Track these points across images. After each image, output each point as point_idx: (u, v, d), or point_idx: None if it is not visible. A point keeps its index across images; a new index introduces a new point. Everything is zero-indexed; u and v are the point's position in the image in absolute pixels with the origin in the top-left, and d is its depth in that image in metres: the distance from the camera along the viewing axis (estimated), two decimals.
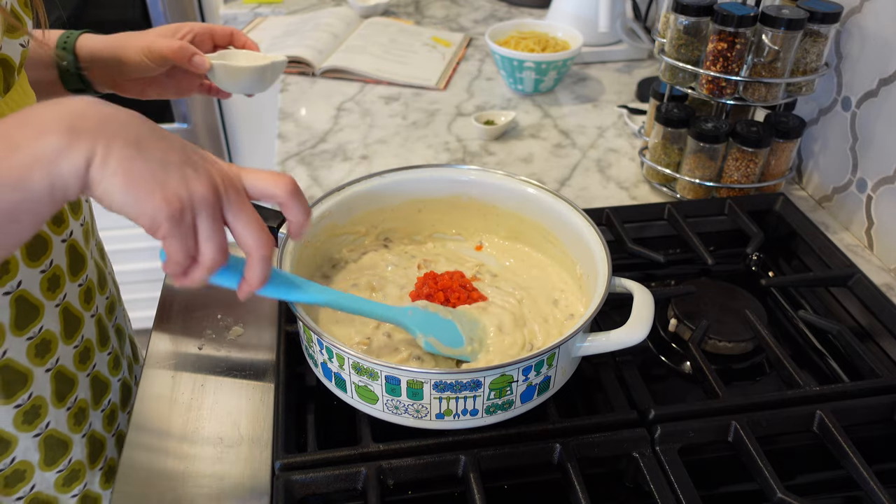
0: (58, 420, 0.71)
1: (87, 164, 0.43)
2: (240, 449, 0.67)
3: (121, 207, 0.45)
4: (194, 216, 0.46)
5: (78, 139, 0.43)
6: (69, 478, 0.74)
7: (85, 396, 0.74)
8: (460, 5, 1.76)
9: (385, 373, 0.59)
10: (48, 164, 0.42)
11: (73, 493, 0.75)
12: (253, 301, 0.84)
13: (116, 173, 0.43)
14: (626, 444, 0.64)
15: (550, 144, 1.19)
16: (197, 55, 0.79)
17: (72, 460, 0.74)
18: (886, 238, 0.92)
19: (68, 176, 0.43)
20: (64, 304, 0.69)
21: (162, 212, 0.45)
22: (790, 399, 0.68)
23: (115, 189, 0.44)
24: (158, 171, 0.45)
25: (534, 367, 0.61)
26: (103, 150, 0.43)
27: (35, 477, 0.71)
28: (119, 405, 0.81)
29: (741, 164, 0.97)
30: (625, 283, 0.69)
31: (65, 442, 0.72)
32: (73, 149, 0.43)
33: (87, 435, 0.75)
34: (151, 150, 0.45)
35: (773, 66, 0.92)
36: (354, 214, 0.78)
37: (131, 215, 0.45)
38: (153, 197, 0.44)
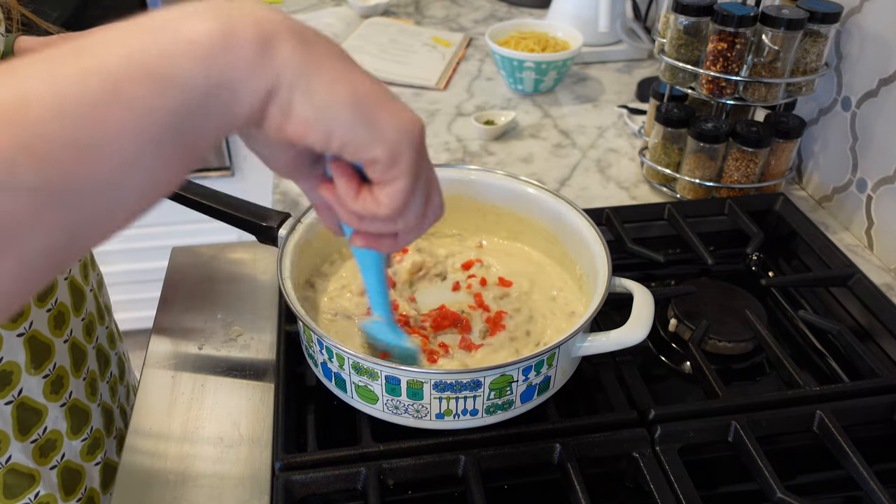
0: (77, 390, 0.71)
1: (282, 71, 0.31)
2: (240, 449, 0.67)
3: (342, 133, 0.33)
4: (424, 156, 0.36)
5: (272, 44, 0.31)
6: (92, 446, 0.74)
7: (81, 394, 0.74)
8: (460, 5, 1.76)
9: (385, 373, 0.59)
10: (239, 82, 0.30)
11: (97, 462, 0.75)
12: (253, 301, 0.84)
13: (334, 83, 0.32)
14: (626, 444, 0.64)
15: (550, 144, 1.19)
16: None
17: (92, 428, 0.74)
18: (886, 238, 0.92)
19: (253, 91, 0.31)
20: (31, 333, 0.67)
21: (411, 135, 0.34)
22: (790, 399, 0.68)
23: (335, 107, 0.32)
24: (384, 97, 0.34)
25: (534, 367, 0.61)
26: (310, 61, 0.32)
27: (65, 446, 0.71)
28: (108, 430, 0.81)
29: (741, 164, 0.97)
30: (625, 283, 0.69)
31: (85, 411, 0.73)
32: (267, 58, 0.31)
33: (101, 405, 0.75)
34: (357, 72, 0.34)
35: (773, 66, 0.92)
36: None
37: (362, 141, 0.33)
38: (395, 114, 0.34)
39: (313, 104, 0.32)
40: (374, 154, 0.34)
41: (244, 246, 0.91)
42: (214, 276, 0.88)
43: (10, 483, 0.66)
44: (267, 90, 0.31)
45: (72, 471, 0.72)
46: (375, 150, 0.33)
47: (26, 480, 0.68)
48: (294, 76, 0.31)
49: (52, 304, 0.68)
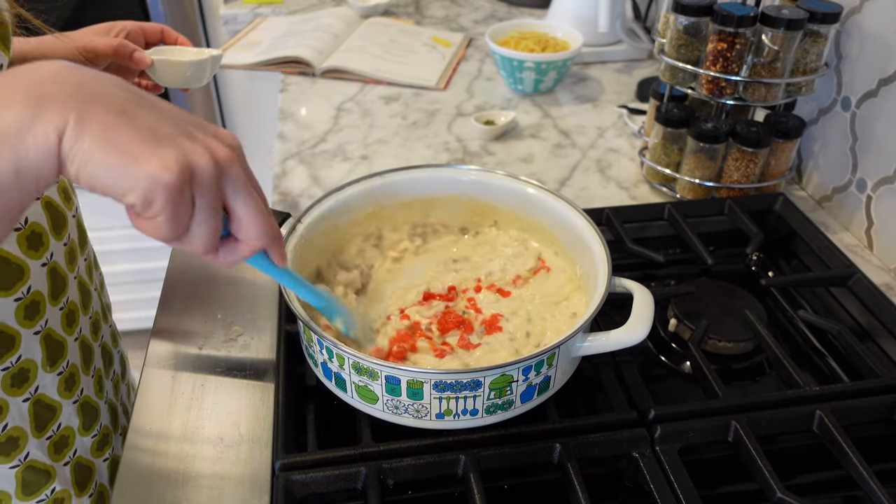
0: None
1: (59, 137, 0.36)
2: (240, 449, 0.67)
3: (104, 183, 0.37)
4: (192, 193, 0.39)
5: (45, 108, 0.36)
6: (101, 442, 0.75)
7: (72, 424, 0.74)
8: (460, 5, 1.76)
9: (385, 373, 0.59)
10: (11, 141, 0.36)
11: (105, 458, 0.76)
12: (253, 301, 0.84)
13: (95, 143, 0.36)
14: (626, 444, 0.64)
15: (550, 144, 1.19)
16: (137, 51, 0.79)
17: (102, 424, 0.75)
18: (886, 238, 0.92)
19: (37, 153, 0.36)
20: (46, 331, 0.67)
21: (159, 181, 0.37)
22: (790, 399, 0.68)
23: (96, 161, 0.36)
24: (148, 140, 0.37)
25: (534, 367, 0.61)
26: (77, 118, 0.36)
27: (77, 442, 0.71)
28: (112, 428, 0.81)
29: (741, 164, 0.97)
30: (625, 283, 0.69)
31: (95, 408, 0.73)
32: (40, 119, 0.36)
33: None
34: (139, 117, 0.38)
35: (772, 66, 0.92)
36: (354, 214, 0.78)
37: (118, 191, 0.38)
38: (146, 164, 0.37)
39: (79, 162, 0.36)
40: (129, 200, 0.38)
41: None
42: (214, 276, 0.88)
43: (28, 480, 0.67)
44: (52, 145, 0.36)
45: (84, 466, 0.73)
46: (129, 198, 0.38)
47: (43, 477, 0.68)
48: (67, 133, 0.36)
49: (64, 303, 0.68)
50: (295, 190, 1.05)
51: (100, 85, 0.38)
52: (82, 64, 0.77)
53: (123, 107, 0.38)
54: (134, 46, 0.79)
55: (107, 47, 0.78)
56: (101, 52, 0.78)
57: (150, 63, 0.80)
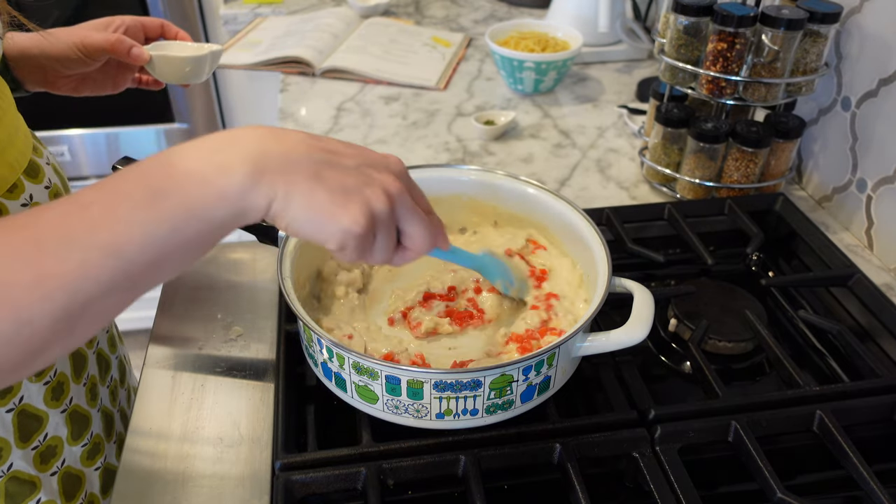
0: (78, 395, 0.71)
1: (270, 202, 0.45)
2: (240, 449, 0.67)
3: (308, 235, 0.47)
4: (375, 231, 0.48)
5: (261, 179, 0.44)
6: (92, 451, 0.74)
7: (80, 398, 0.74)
8: (460, 5, 1.76)
9: (385, 372, 0.59)
10: (234, 200, 0.44)
11: (96, 467, 0.75)
12: (253, 301, 0.84)
13: (301, 206, 0.45)
14: (626, 444, 0.64)
15: (550, 144, 1.19)
16: (135, 47, 0.79)
17: (93, 434, 0.74)
18: (886, 238, 0.92)
19: (251, 210, 0.45)
20: None
21: (350, 233, 0.46)
22: (790, 399, 0.68)
23: (301, 220, 0.46)
24: (339, 198, 0.46)
25: (534, 367, 0.61)
26: (285, 188, 0.45)
27: (65, 452, 0.71)
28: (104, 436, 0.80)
29: (741, 164, 0.97)
30: (625, 282, 0.69)
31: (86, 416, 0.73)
32: (257, 189, 0.44)
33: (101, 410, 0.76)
34: (329, 177, 0.47)
35: (772, 66, 0.92)
36: None
37: (319, 240, 0.47)
38: (340, 222, 0.46)
39: (288, 219, 0.46)
40: (329, 247, 0.48)
41: (244, 246, 0.91)
42: (214, 276, 0.88)
43: (11, 491, 0.66)
44: (263, 208, 0.45)
45: (72, 476, 0.72)
46: (329, 245, 0.48)
47: (27, 487, 0.67)
48: (277, 200, 0.45)
49: None
50: None
51: (299, 152, 0.47)
52: (80, 59, 0.78)
53: (318, 171, 0.47)
54: (131, 42, 0.79)
55: (104, 43, 0.77)
56: (98, 48, 0.78)
57: (147, 59, 0.80)
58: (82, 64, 0.79)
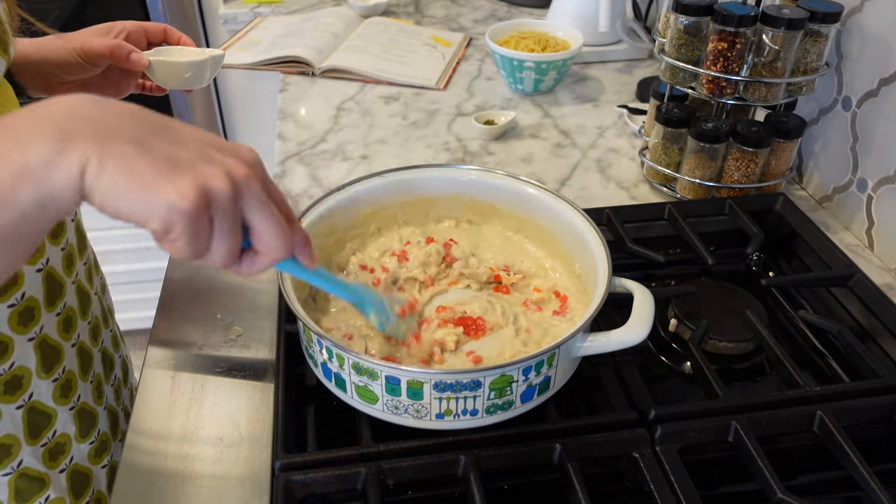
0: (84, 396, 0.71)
1: (82, 172, 0.38)
2: (240, 449, 0.67)
3: (126, 213, 0.39)
4: (211, 215, 0.41)
5: (69, 145, 0.38)
6: (99, 449, 0.74)
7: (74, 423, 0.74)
8: (460, 5, 1.76)
9: (385, 373, 0.59)
10: (36, 177, 0.37)
11: (103, 465, 0.75)
12: (253, 301, 0.84)
13: (116, 176, 0.38)
14: (626, 444, 0.64)
15: (550, 144, 1.19)
16: (134, 52, 0.78)
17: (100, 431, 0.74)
18: (887, 238, 0.92)
19: (60, 188, 0.38)
20: (41, 337, 0.66)
21: (176, 209, 0.39)
22: (790, 399, 0.68)
23: (117, 193, 0.39)
24: (166, 169, 0.39)
25: (534, 368, 0.61)
26: (98, 153, 0.38)
27: (73, 449, 0.71)
28: (110, 434, 0.80)
29: (741, 164, 0.97)
30: (625, 282, 0.69)
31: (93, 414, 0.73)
32: (64, 156, 0.38)
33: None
34: (156, 146, 0.40)
35: (773, 65, 0.92)
36: (354, 214, 0.78)
37: (139, 219, 0.40)
38: (164, 193, 0.39)
39: (101, 193, 0.39)
40: (151, 227, 0.40)
41: None
42: (214, 276, 0.88)
43: (21, 487, 0.67)
44: (73, 183, 0.38)
45: (80, 474, 0.72)
46: (151, 225, 0.40)
47: (37, 484, 0.68)
48: (89, 169, 0.38)
49: (60, 308, 0.68)
50: (295, 190, 1.05)
51: (119, 117, 0.40)
52: (80, 65, 0.77)
53: (142, 138, 0.40)
54: (130, 48, 0.78)
55: (104, 48, 0.77)
56: (98, 54, 0.77)
57: (147, 64, 0.79)
58: (83, 70, 0.79)
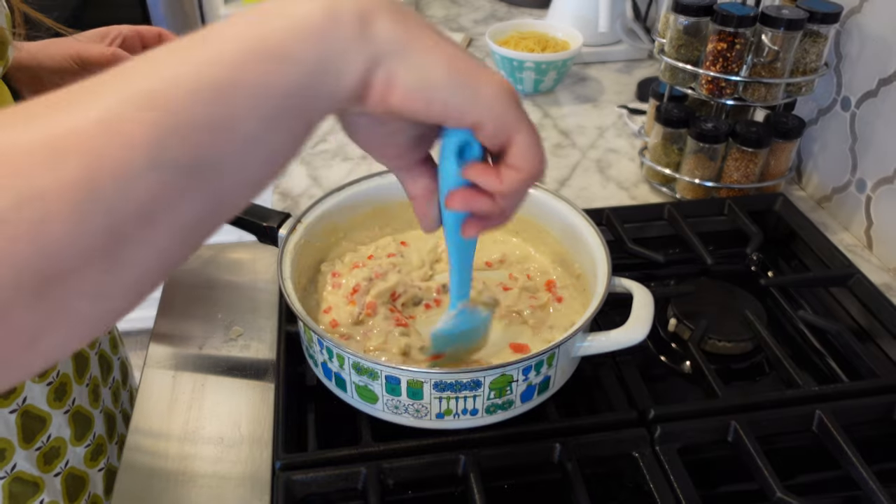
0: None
1: (383, 52, 0.33)
2: (240, 449, 0.67)
3: (447, 106, 0.34)
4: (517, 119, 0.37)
5: (374, 20, 0.33)
6: (95, 452, 0.74)
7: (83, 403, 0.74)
8: (460, 5, 1.76)
9: (385, 373, 0.59)
10: (325, 39, 0.32)
11: (100, 468, 0.75)
12: (253, 301, 0.84)
13: (437, 63, 0.34)
14: (626, 444, 0.64)
15: (550, 144, 1.19)
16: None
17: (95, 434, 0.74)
18: (886, 238, 0.92)
19: (352, 62, 0.33)
20: None
21: (506, 94, 0.35)
22: (789, 399, 0.68)
23: (440, 81, 0.34)
24: (475, 62, 0.35)
25: (534, 367, 0.61)
26: (405, 37, 0.33)
27: (68, 452, 0.71)
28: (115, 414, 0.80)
29: (741, 164, 0.97)
30: (625, 282, 0.69)
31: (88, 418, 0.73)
32: (371, 28, 0.33)
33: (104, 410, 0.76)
34: (456, 47, 0.35)
35: (772, 66, 0.92)
36: (355, 214, 0.78)
37: (463, 106, 0.35)
38: (491, 82, 0.35)
39: (413, 73, 0.33)
40: (478, 117, 0.35)
41: (244, 246, 0.91)
42: (214, 276, 0.88)
43: (15, 491, 0.66)
44: (368, 63, 0.33)
45: (76, 477, 0.72)
46: (479, 112, 0.35)
47: (31, 488, 0.68)
48: (393, 48, 0.33)
49: None
50: (295, 190, 1.05)
51: (409, 10, 0.35)
52: (76, 72, 0.77)
53: (436, 31, 0.35)
54: (126, 57, 0.78)
55: (100, 57, 0.77)
56: (94, 62, 0.77)
57: None
58: (79, 76, 0.78)
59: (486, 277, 0.75)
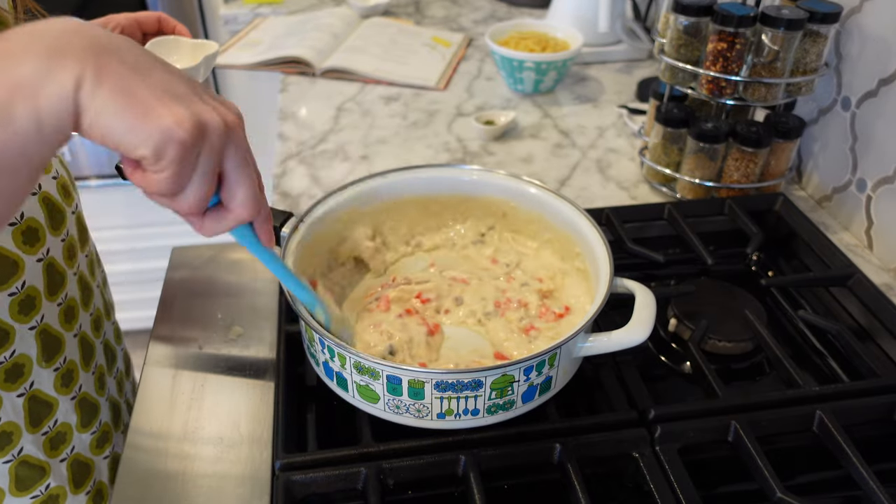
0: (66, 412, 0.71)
1: (77, 87, 0.37)
2: (240, 449, 0.67)
3: (118, 135, 0.38)
4: (199, 151, 0.40)
5: (63, 59, 0.37)
6: (101, 439, 0.75)
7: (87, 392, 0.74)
8: (460, 5, 1.76)
9: (386, 372, 0.59)
10: (30, 90, 0.36)
11: (105, 455, 0.76)
12: (253, 301, 0.84)
13: (114, 94, 0.37)
14: (626, 444, 0.64)
15: (550, 144, 1.19)
16: None
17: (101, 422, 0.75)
18: (886, 238, 0.92)
19: (55, 103, 0.37)
20: (42, 327, 0.66)
21: (173, 135, 0.38)
22: (790, 399, 0.68)
23: (112, 113, 0.37)
24: (163, 96, 0.39)
25: (535, 368, 0.61)
26: (94, 69, 0.37)
27: (74, 439, 0.71)
28: (112, 425, 0.81)
29: (741, 164, 0.97)
30: (626, 283, 0.69)
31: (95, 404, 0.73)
32: (59, 70, 0.36)
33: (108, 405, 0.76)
34: (153, 76, 0.39)
35: (772, 66, 0.92)
36: (355, 215, 0.78)
37: (130, 144, 0.38)
38: (162, 118, 0.38)
39: (92, 112, 0.37)
40: (140, 153, 0.39)
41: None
42: (214, 275, 0.88)
43: (21, 475, 0.67)
44: (68, 97, 0.37)
45: (81, 464, 0.73)
46: (140, 151, 0.38)
47: (37, 472, 0.68)
48: (84, 84, 0.37)
49: (62, 299, 0.68)
50: (295, 190, 1.05)
51: (114, 41, 0.39)
52: None
53: (138, 64, 0.39)
54: None
55: None
56: None
57: None
58: None
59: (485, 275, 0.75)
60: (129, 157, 0.40)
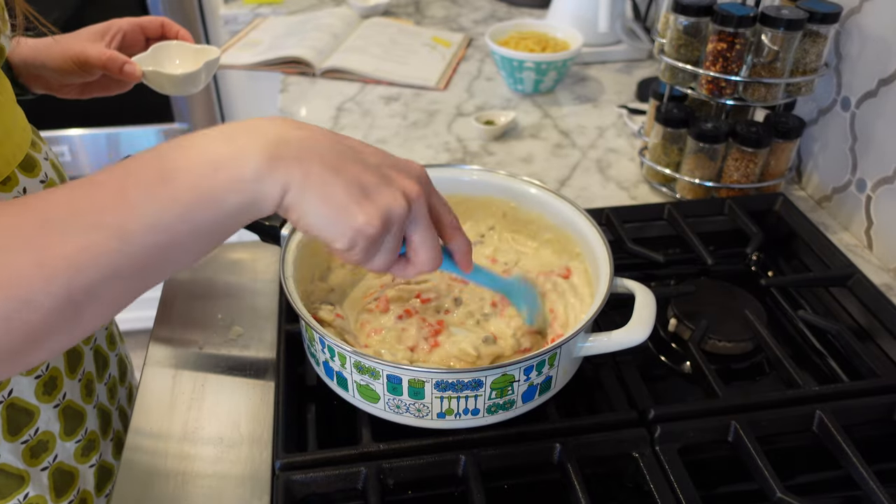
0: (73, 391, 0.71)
1: (284, 191, 0.44)
2: (240, 449, 0.67)
3: (318, 230, 0.46)
4: (385, 236, 0.48)
5: (277, 166, 0.43)
6: (86, 448, 0.74)
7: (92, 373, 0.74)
8: (460, 5, 1.76)
9: (387, 372, 0.59)
10: (247, 187, 0.43)
11: (91, 464, 0.75)
12: (253, 301, 0.84)
13: (315, 199, 0.45)
14: (626, 444, 0.64)
15: (550, 144, 1.19)
16: (127, 64, 0.79)
17: (87, 430, 0.73)
18: (886, 238, 0.92)
19: (264, 199, 0.44)
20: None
21: (362, 233, 0.46)
22: (790, 399, 0.68)
23: (314, 214, 0.45)
24: (356, 194, 0.46)
25: (535, 367, 0.61)
26: (301, 177, 0.44)
27: (57, 447, 0.70)
28: (118, 386, 0.80)
29: (741, 164, 0.97)
30: (627, 283, 0.69)
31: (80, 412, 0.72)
32: (273, 175, 0.43)
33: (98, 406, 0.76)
34: (348, 171, 0.46)
35: (772, 66, 0.92)
36: None
37: (328, 237, 0.46)
38: (354, 218, 0.45)
39: (301, 211, 0.45)
40: (337, 246, 0.47)
41: (244, 246, 0.91)
42: (214, 276, 0.88)
43: None
44: (277, 197, 0.44)
45: (64, 472, 0.71)
46: (338, 244, 0.47)
47: (15, 481, 0.67)
48: (292, 189, 0.44)
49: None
50: None
51: (318, 143, 0.46)
52: (77, 72, 0.79)
53: (336, 163, 0.46)
54: (123, 59, 0.78)
55: (97, 61, 0.78)
56: (92, 63, 0.78)
57: (140, 76, 0.80)
58: (80, 76, 0.80)
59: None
60: (330, 245, 0.47)
